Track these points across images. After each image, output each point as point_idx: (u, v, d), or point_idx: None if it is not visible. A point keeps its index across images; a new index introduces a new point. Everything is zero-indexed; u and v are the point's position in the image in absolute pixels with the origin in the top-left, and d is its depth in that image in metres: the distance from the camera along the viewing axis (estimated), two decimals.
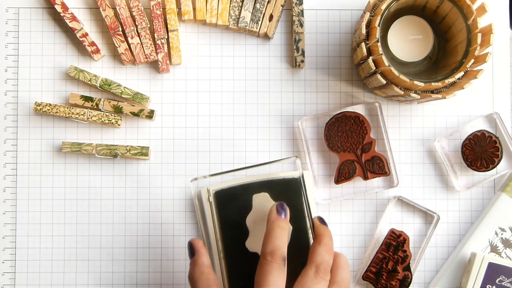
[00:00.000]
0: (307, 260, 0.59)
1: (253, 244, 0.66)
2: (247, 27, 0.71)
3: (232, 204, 0.68)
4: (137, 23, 0.71)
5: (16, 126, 0.71)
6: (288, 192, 0.68)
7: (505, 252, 0.69)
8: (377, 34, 0.62)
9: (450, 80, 0.62)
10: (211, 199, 0.68)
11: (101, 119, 0.69)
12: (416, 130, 0.72)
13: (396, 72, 0.61)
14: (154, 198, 0.71)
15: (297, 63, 0.71)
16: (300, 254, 0.67)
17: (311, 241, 0.68)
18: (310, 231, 0.68)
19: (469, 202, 0.71)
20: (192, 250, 0.61)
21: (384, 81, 0.63)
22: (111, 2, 0.71)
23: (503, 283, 0.66)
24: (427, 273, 0.71)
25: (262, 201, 0.66)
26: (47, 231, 0.70)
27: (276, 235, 0.58)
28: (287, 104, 0.72)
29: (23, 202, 0.70)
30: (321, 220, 0.63)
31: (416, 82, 0.61)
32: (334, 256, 0.60)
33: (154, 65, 0.72)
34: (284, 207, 0.61)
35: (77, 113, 0.69)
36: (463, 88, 0.62)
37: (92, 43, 0.71)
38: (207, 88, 0.72)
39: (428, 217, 0.71)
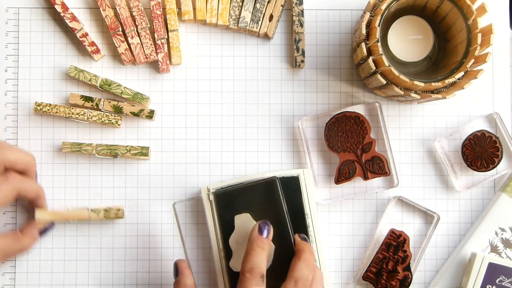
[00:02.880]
0: (287, 275, 0.60)
1: (236, 264, 0.67)
2: (247, 27, 0.71)
3: (232, 203, 0.68)
4: (137, 23, 0.71)
5: (16, 126, 0.71)
6: (288, 190, 0.68)
7: (505, 252, 0.69)
8: (377, 34, 0.62)
9: (450, 80, 0.62)
10: (211, 198, 0.68)
11: (101, 119, 0.69)
12: (416, 130, 0.72)
13: (396, 72, 0.61)
14: (154, 198, 0.71)
15: (297, 63, 0.71)
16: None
17: (311, 241, 0.68)
18: (309, 230, 0.68)
19: (469, 202, 0.71)
20: (176, 270, 0.63)
21: (384, 81, 0.63)
22: (111, 2, 0.71)
23: (503, 283, 0.66)
24: (427, 273, 0.71)
25: (244, 222, 0.67)
26: None
27: (255, 254, 0.60)
28: (287, 104, 0.72)
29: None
30: (302, 237, 0.64)
31: (416, 82, 0.61)
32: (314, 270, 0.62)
33: (154, 65, 0.72)
34: (266, 226, 0.62)
35: (77, 113, 0.69)
36: (463, 88, 0.62)
37: (92, 43, 0.71)
38: (207, 88, 0.72)
39: (428, 217, 0.71)
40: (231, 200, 0.68)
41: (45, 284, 0.70)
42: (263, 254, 0.60)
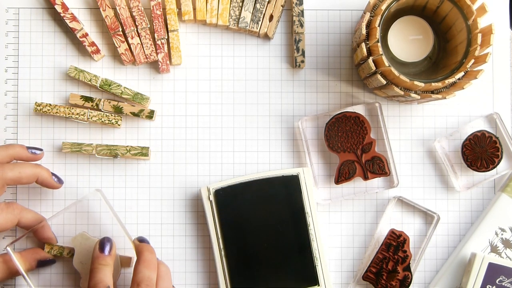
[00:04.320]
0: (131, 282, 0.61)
1: (86, 285, 0.66)
2: (248, 27, 0.71)
3: (233, 202, 0.68)
4: (137, 23, 0.71)
5: (16, 126, 0.71)
6: (288, 189, 0.68)
7: (505, 252, 0.69)
8: (377, 34, 0.62)
9: (450, 80, 0.62)
10: (211, 197, 0.68)
11: (101, 119, 0.69)
12: (416, 130, 0.72)
13: (396, 72, 0.61)
14: (154, 198, 0.71)
15: (297, 63, 0.71)
16: (300, 254, 0.67)
17: (312, 240, 0.68)
18: (310, 229, 0.68)
19: (469, 202, 0.71)
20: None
21: (384, 81, 0.63)
22: (111, 2, 0.71)
23: (503, 283, 0.66)
24: (427, 273, 0.71)
25: (82, 241, 0.67)
26: None
27: (97, 271, 0.61)
28: (287, 104, 0.72)
29: (23, 202, 0.70)
30: (140, 239, 0.65)
31: (416, 82, 0.61)
32: (158, 267, 0.62)
33: (154, 65, 0.72)
34: (107, 243, 0.63)
35: (77, 113, 0.69)
36: (463, 88, 0.62)
37: (92, 43, 0.71)
38: (207, 88, 0.72)
39: (428, 217, 0.71)
40: (231, 200, 0.68)
41: (45, 284, 0.70)
42: (105, 270, 0.61)
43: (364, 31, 0.63)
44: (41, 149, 0.67)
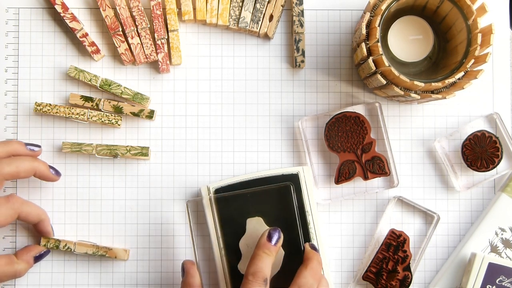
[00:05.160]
0: (292, 282, 0.60)
1: (244, 266, 0.67)
2: (248, 27, 0.71)
3: (233, 202, 0.68)
4: (137, 23, 0.71)
5: (16, 126, 0.71)
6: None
7: (505, 252, 0.69)
8: (377, 34, 0.62)
9: (450, 80, 0.62)
10: (211, 197, 0.68)
11: (101, 119, 0.69)
12: (416, 130, 0.72)
13: (396, 72, 0.61)
14: (154, 198, 0.71)
15: (297, 63, 0.71)
16: (301, 253, 0.67)
17: (312, 238, 0.68)
18: (310, 227, 0.68)
19: (469, 202, 0.71)
20: (183, 270, 0.64)
21: (384, 81, 0.63)
22: (111, 2, 0.71)
23: (503, 283, 0.66)
24: (427, 273, 0.71)
25: (256, 225, 0.67)
26: None
27: (260, 258, 0.60)
28: (287, 104, 0.72)
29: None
30: (312, 247, 0.64)
31: (416, 82, 0.61)
32: (320, 280, 0.62)
33: (154, 65, 0.72)
34: (276, 233, 0.62)
35: (77, 113, 0.69)
36: (463, 88, 0.62)
37: (92, 43, 0.71)
38: (207, 88, 0.72)
39: (428, 217, 0.71)
40: (231, 199, 0.68)
41: (45, 284, 0.70)
42: (268, 260, 0.60)
43: (364, 31, 0.63)
44: (39, 146, 0.67)
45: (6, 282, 0.70)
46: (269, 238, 0.62)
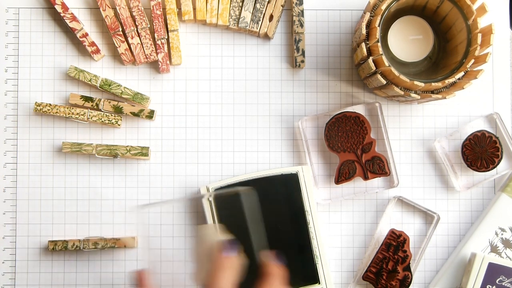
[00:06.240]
0: None
1: (199, 277, 0.62)
2: (248, 27, 0.71)
3: (232, 202, 0.68)
4: (137, 23, 0.71)
5: (16, 126, 0.71)
6: (287, 188, 0.68)
7: (505, 252, 0.69)
8: (377, 34, 0.62)
9: (450, 80, 0.62)
10: (211, 198, 0.68)
11: (101, 119, 0.69)
12: (416, 130, 0.72)
13: (396, 72, 0.61)
14: (154, 198, 0.71)
15: (297, 63, 0.71)
16: (300, 252, 0.67)
17: (312, 238, 0.68)
18: (310, 227, 0.68)
19: (469, 202, 0.71)
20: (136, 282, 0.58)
21: (384, 81, 0.63)
22: (111, 2, 0.71)
23: (503, 283, 0.66)
24: (427, 273, 0.71)
25: (208, 233, 0.64)
26: (47, 231, 0.70)
27: (222, 273, 0.54)
28: (287, 104, 0.72)
29: (23, 202, 0.70)
30: (277, 256, 0.57)
31: (416, 82, 0.61)
32: None
33: (154, 65, 0.72)
34: (231, 246, 0.56)
35: (77, 113, 0.69)
36: (463, 88, 0.62)
37: (92, 43, 0.71)
38: (207, 88, 0.72)
39: (428, 217, 0.71)
40: (231, 199, 0.68)
41: (45, 284, 0.70)
42: (230, 273, 0.55)
43: (364, 31, 0.63)
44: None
45: (6, 282, 0.70)
46: (227, 250, 0.56)
